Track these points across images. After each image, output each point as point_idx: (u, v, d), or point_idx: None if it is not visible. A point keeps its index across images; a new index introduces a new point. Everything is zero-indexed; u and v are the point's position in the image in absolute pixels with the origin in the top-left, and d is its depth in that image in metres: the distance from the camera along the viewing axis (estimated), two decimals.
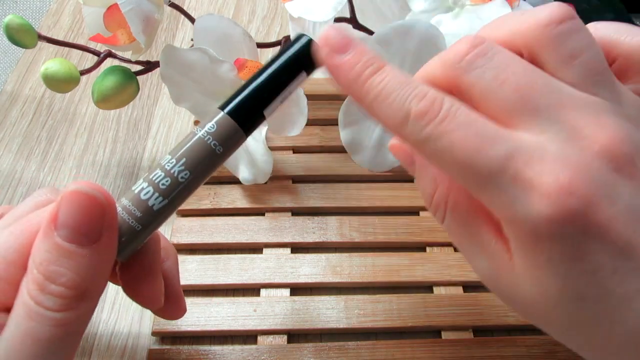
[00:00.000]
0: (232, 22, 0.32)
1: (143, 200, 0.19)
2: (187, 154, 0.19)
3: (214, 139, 0.19)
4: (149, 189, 0.19)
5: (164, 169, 0.19)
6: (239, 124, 0.20)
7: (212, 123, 0.19)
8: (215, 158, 0.19)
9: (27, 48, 0.30)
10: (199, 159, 0.19)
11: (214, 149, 0.19)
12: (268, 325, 0.29)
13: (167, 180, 0.19)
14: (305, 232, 0.33)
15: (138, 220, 0.19)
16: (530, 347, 0.28)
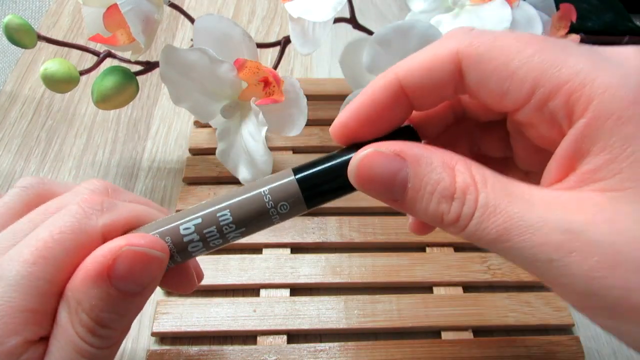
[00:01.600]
0: (232, 22, 0.32)
1: (188, 251, 0.19)
2: (247, 224, 0.19)
3: (279, 215, 0.19)
4: (198, 245, 0.19)
5: (220, 230, 0.18)
6: (307, 205, 0.19)
7: (286, 203, 0.19)
8: (269, 225, 0.19)
9: (26, 48, 0.30)
10: (256, 228, 0.19)
11: (273, 222, 0.19)
12: (268, 326, 0.29)
13: (219, 242, 0.19)
14: (305, 232, 0.33)
15: (174, 261, 0.19)
16: (530, 348, 0.28)
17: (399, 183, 0.16)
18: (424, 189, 0.16)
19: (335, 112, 0.36)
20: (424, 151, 0.16)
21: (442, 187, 0.16)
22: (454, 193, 0.15)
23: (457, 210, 0.15)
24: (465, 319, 0.29)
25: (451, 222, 0.16)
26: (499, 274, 0.31)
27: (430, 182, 0.16)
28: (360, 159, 0.17)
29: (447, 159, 0.16)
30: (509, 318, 0.30)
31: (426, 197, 0.16)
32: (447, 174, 0.16)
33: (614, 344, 0.30)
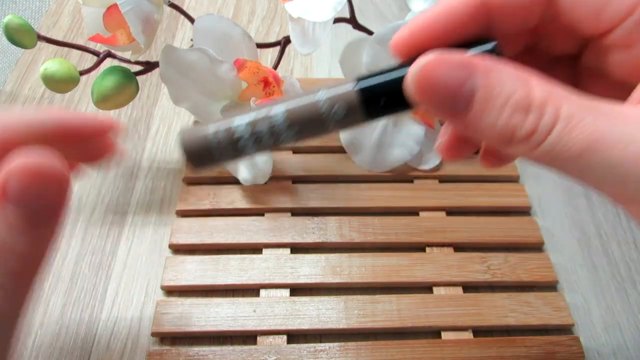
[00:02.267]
0: (232, 22, 0.32)
1: (238, 148, 0.18)
2: (299, 126, 0.17)
3: (333, 122, 0.17)
4: (247, 143, 0.18)
5: (272, 130, 0.17)
6: (367, 115, 0.17)
7: (341, 106, 0.17)
8: (324, 134, 0.18)
9: (26, 48, 0.30)
10: (308, 134, 0.17)
11: (329, 129, 0.17)
12: (268, 326, 0.29)
13: (269, 140, 0.18)
14: (304, 232, 0.33)
15: (224, 159, 0.18)
16: (530, 348, 0.28)
17: (465, 93, 0.14)
18: (494, 99, 0.14)
19: None
20: (496, 62, 0.15)
21: (517, 97, 0.14)
22: (530, 104, 0.14)
23: (534, 122, 0.14)
24: (465, 319, 0.29)
25: (525, 136, 0.14)
26: (498, 274, 0.31)
27: (502, 93, 0.14)
28: (424, 64, 0.15)
29: (521, 72, 0.14)
30: (509, 318, 0.30)
31: (496, 109, 0.14)
32: (523, 85, 0.14)
33: (613, 344, 0.30)
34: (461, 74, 0.15)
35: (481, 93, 0.14)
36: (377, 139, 0.35)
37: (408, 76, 0.15)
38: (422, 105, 0.15)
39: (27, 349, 0.28)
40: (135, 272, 0.32)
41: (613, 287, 0.32)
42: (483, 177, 0.36)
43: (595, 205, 0.36)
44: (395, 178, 0.36)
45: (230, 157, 0.18)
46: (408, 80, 0.15)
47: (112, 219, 0.34)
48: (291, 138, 0.18)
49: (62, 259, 0.32)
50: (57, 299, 0.30)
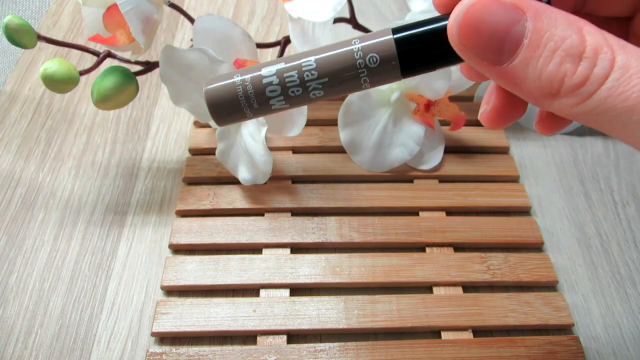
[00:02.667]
0: (232, 22, 0.32)
1: (266, 96, 0.17)
2: (331, 75, 0.16)
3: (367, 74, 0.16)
4: (276, 89, 0.17)
5: (302, 78, 0.17)
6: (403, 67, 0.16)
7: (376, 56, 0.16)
8: (357, 89, 0.17)
9: (26, 48, 0.30)
10: (340, 87, 0.17)
11: (362, 83, 0.17)
12: (267, 326, 0.29)
13: (299, 90, 0.17)
14: (304, 232, 0.33)
15: (251, 110, 0.17)
16: (530, 348, 0.28)
17: (512, 37, 0.13)
18: (544, 45, 0.13)
19: (335, 113, 0.36)
20: (547, 7, 0.14)
21: (569, 44, 0.13)
22: (582, 52, 0.13)
23: (586, 71, 0.13)
24: (465, 319, 0.29)
25: (574, 86, 0.13)
26: (498, 274, 0.31)
27: (553, 38, 0.13)
28: (471, 3, 0.14)
29: (574, 18, 0.13)
30: (508, 318, 0.30)
31: (545, 56, 0.13)
32: (576, 31, 0.13)
33: (613, 344, 0.30)
34: (510, 16, 0.13)
35: (529, 39, 0.13)
36: (377, 139, 0.35)
37: (452, 17, 0.14)
38: (463, 51, 0.14)
39: (27, 349, 0.29)
40: (135, 272, 0.32)
41: (613, 287, 0.32)
42: (483, 177, 0.36)
43: (595, 205, 0.36)
44: (395, 178, 0.36)
45: (257, 109, 0.17)
46: (451, 21, 0.14)
47: (112, 219, 0.34)
48: (321, 89, 0.17)
49: (62, 259, 0.32)
50: (57, 299, 0.30)
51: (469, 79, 0.20)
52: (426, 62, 0.16)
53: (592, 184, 0.37)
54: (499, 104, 0.19)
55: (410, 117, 0.35)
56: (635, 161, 0.38)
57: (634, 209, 0.36)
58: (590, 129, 0.40)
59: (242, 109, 0.17)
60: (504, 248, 0.33)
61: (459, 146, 0.38)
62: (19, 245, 0.33)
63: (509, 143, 0.38)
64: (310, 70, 0.16)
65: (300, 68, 0.16)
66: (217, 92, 0.17)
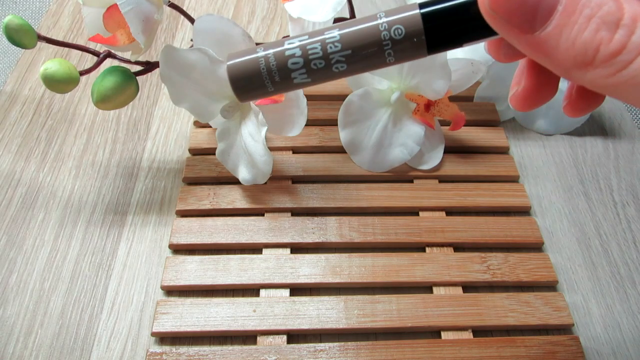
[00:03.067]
0: (232, 22, 0.32)
1: (288, 68, 0.17)
2: (355, 48, 0.16)
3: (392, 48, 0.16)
4: (298, 61, 0.17)
5: (325, 50, 0.16)
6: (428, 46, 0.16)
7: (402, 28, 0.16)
8: (381, 65, 0.17)
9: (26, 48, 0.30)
10: (364, 61, 0.16)
11: (386, 57, 0.16)
12: (267, 326, 0.29)
13: (321, 63, 0.16)
14: (304, 232, 0.33)
15: (273, 84, 0.17)
16: (530, 348, 0.28)
17: (546, 3, 0.13)
18: (579, 12, 0.13)
19: (335, 113, 0.36)
20: None
21: (606, 10, 0.12)
22: (620, 19, 0.12)
23: (623, 39, 0.12)
24: (465, 319, 0.29)
25: (609, 55, 0.12)
26: (498, 274, 0.31)
27: (590, 4, 0.13)
28: None
29: None
30: (508, 318, 0.30)
31: (581, 22, 0.13)
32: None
33: (613, 344, 0.30)
34: None
35: (566, 3, 0.13)
36: (377, 139, 0.35)
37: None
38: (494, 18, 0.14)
39: (27, 349, 0.29)
40: (135, 272, 0.32)
41: (613, 287, 0.32)
42: (483, 177, 0.36)
43: (595, 205, 0.36)
44: (395, 178, 0.36)
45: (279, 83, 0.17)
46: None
47: (112, 219, 0.34)
48: (344, 62, 0.16)
49: (62, 259, 0.32)
50: (57, 299, 0.30)
51: (496, 59, 0.19)
52: (453, 37, 0.16)
53: (592, 183, 0.37)
54: (529, 85, 0.18)
55: (410, 117, 0.35)
56: (635, 161, 0.39)
57: (633, 209, 0.36)
58: (590, 129, 0.40)
59: (264, 84, 0.17)
60: (504, 248, 0.33)
61: (459, 146, 0.38)
62: (19, 245, 0.33)
63: (509, 143, 0.38)
64: (333, 42, 0.16)
65: (324, 41, 0.16)
66: (239, 67, 0.17)
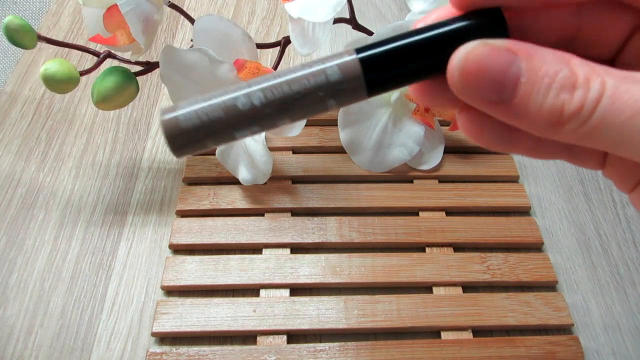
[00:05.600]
0: (232, 22, 0.32)
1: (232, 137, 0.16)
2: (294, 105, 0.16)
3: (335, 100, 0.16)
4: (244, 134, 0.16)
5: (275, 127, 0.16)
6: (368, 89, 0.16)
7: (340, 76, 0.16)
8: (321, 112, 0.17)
9: (26, 49, 0.30)
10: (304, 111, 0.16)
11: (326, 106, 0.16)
12: (267, 326, 0.29)
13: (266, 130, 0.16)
14: (304, 232, 0.33)
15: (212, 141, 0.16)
16: (530, 348, 0.28)
17: (510, 78, 0.15)
18: (540, 81, 0.15)
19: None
20: (535, 46, 0.15)
21: (562, 76, 0.14)
22: (575, 82, 0.14)
23: (581, 97, 0.14)
24: (464, 319, 0.29)
25: (574, 112, 0.14)
26: (498, 274, 0.31)
27: (548, 74, 0.15)
28: (469, 51, 0.15)
29: (560, 54, 0.15)
30: (508, 318, 0.30)
31: (543, 90, 0.15)
32: (565, 64, 0.15)
33: (613, 344, 0.30)
34: (505, 58, 0.15)
35: (526, 77, 0.15)
36: (377, 139, 0.35)
37: (453, 64, 0.15)
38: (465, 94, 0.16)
39: (27, 349, 0.29)
40: (135, 272, 0.32)
41: (612, 287, 0.32)
42: (482, 177, 0.36)
43: (594, 205, 0.36)
44: (395, 178, 0.36)
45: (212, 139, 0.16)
46: (453, 68, 0.15)
47: (112, 219, 0.34)
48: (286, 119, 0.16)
49: (62, 259, 0.32)
50: (57, 299, 0.31)
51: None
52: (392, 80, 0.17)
53: (591, 184, 0.37)
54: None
55: (410, 117, 0.35)
56: None
57: (633, 209, 0.36)
58: None
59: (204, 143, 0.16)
60: (504, 248, 0.33)
61: (458, 146, 0.38)
62: (19, 245, 0.33)
63: None
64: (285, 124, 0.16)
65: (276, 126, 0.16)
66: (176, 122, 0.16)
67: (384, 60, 0.16)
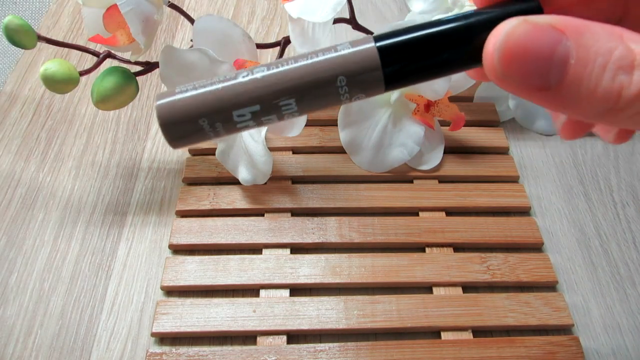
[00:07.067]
0: (232, 22, 0.32)
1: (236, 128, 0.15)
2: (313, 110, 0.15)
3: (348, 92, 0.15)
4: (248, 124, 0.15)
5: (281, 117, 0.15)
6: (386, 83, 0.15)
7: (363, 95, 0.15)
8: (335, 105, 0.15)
9: (26, 49, 0.30)
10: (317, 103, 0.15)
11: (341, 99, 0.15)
12: (267, 326, 0.29)
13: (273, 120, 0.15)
14: (304, 232, 0.33)
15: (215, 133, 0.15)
16: (530, 348, 0.28)
17: (558, 59, 0.13)
18: (593, 61, 0.13)
19: (335, 113, 0.36)
20: (583, 21, 0.13)
21: (618, 55, 0.13)
22: (633, 60, 0.13)
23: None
24: (464, 320, 0.29)
25: (634, 95, 0.13)
26: (498, 275, 0.31)
27: (601, 52, 0.13)
28: (509, 32, 0.13)
29: (611, 29, 0.13)
30: (508, 318, 0.30)
31: (596, 72, 0.13)
32: (620, 41, 0.13)
33: (613, 344, 0.30)
34: (551, 37, 0.13)
35: (576, 57, 0.13)
36: (377, 139, 0.35)
37: (490, 47, 0.14)
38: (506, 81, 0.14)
39: (27, 349, 0.29)
40: (135, 272, 0.32)
41: (612, 287, 0.32)
42: (482, 178, 0.36)
43: (594, 205, 0.36)
44: (395, 178, 0.36)
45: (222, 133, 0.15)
46: (490, 51, 0.14)
47: (112, 219, 0.34)
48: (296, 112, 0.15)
49: (62, 259, 0.32)
50: (57, 299, 0.30)
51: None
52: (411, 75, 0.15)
53: (591, 184, 0.37)
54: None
55: (410, 117, 0.35)
56: (634, 161, 0.39)
57: (633, 209, 0.36)
58: None
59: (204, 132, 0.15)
60: (504, 248, 0.33)
61: (458, 146, 0.38)
62: (19, 246, 0.33)
63: (508, 143, 0.38)
64: (291, 113, 0.15)
65: (280, 111, 0.15)
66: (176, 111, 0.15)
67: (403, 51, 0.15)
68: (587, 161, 0.38)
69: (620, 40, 0.13)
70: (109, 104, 0.31)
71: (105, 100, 0.31)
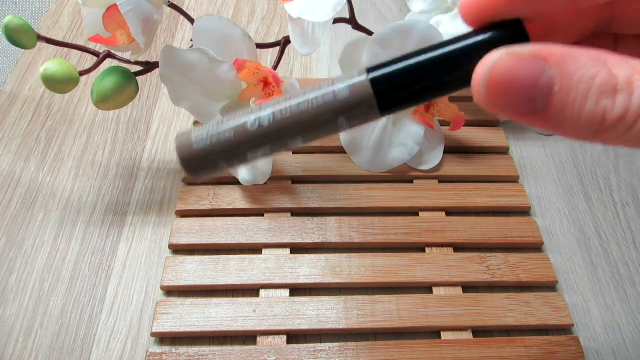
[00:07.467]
0: (232, 22, 0.32)
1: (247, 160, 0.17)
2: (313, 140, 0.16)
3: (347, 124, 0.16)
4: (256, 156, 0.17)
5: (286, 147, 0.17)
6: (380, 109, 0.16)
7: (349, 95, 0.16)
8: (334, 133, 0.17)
9: (26, 49, 0.30)
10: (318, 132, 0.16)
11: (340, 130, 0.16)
12: (267, 326, 0.29)
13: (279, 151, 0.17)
14: (304, 232, 0.33)
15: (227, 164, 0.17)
16: (530, 348, 0.28)
17: (542, 87, 0.13)
18: (576, 88, 0.13)
19: None
20: (567, 48, 0.14)
21: (600, 81, 0.13)
22: (616, 85, 0.13)
23: (624, 102, 0.13)
24: (464, 320, 0.29)
25: (617, 119, 0.13)
26: (498, 275, 0.31)
27: (583, 79, 0.13)
28: (493, 66, 0.14)
29: (594, 54, 0.13)
30: (508, 318, 0.30)
31: (580, 98, 0.13)
32: (602, 66, 0.13)
33: (613, 344, 0.30)
34: (534, 67, 0.13)
35: (560, 85, 0.13)
36: (377, 139, 0.35)
37: (478, 79, 0.14)
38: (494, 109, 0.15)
39: (27, 349, 0.29)
40: (135, 272, 0.32)
41: (612, 287, 0.32)
42: (482, 178, 0.36)
43: (594, 205, 0.36)
44: (395, 178, 0.36)
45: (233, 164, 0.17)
46: (478, 83, 0.14)
47: (112, 219, 0.34)
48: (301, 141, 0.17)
49: (62, 259, 0.32)
50: (56, 299, 0.30)
51: None
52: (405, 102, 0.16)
53: (591, 184, 0.37)
54: None
55: (410, 117, 0.35)
56: (634, 161, 0.39)
57: (633, 209, 0.36)
58: None
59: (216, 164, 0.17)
60: (504, 248, 0.33)
61: (458, 146, 0.38)
62: (19, 246, 0.33)
63: (508, 143, 0.38)
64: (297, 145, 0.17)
65: (287, 146, 0.17)
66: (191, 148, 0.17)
67: (394, 80, 0.16)
68: (587, 161, 0.38)
69: (604, 66, 0.13)
70: (109, 104, 0.31)
71: (105, 100, 0.31)
